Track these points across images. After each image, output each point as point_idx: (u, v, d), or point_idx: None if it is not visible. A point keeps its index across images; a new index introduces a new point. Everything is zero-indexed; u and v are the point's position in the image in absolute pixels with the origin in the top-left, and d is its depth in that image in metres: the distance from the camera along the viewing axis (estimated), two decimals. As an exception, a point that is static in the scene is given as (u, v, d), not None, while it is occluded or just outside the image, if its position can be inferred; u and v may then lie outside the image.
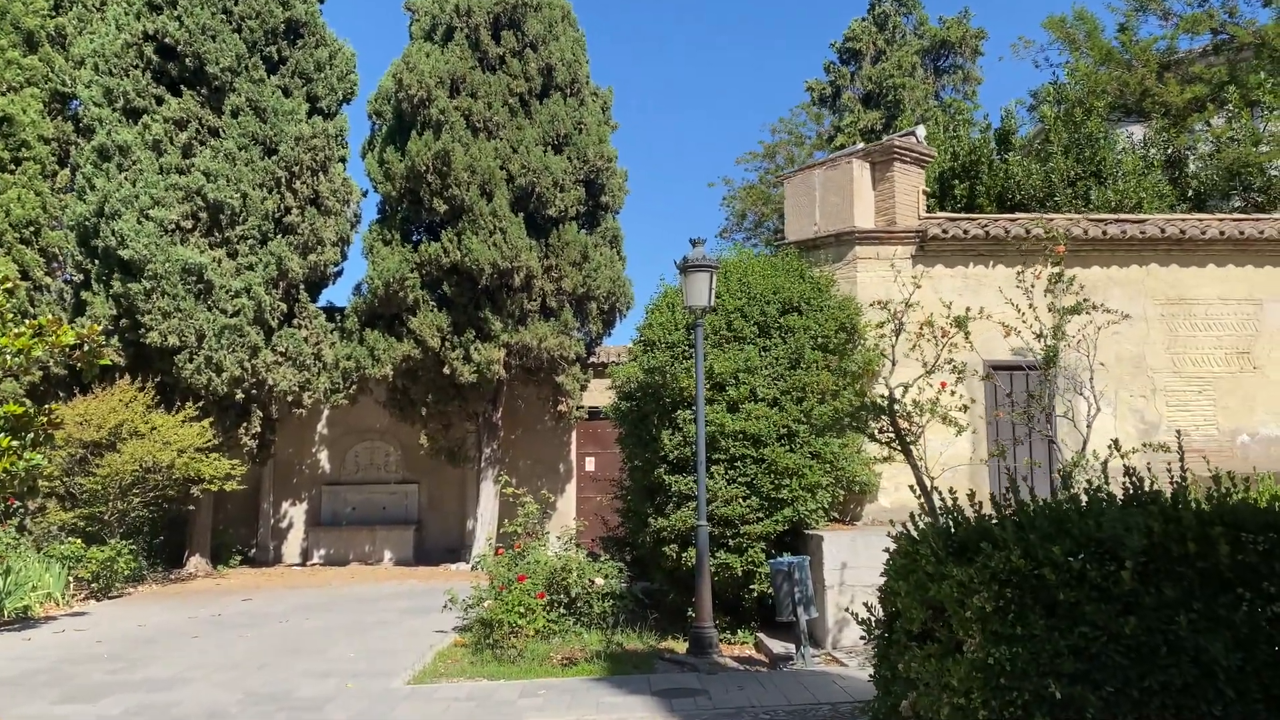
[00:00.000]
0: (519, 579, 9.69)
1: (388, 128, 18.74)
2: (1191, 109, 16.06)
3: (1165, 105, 16.13)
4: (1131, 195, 13.91)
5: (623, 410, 11.59)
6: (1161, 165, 15.22)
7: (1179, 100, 15.97)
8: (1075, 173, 14.60)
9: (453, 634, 11.19)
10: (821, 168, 12.38)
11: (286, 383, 17.45)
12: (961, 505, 6.10)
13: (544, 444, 20.73)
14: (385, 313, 18.17)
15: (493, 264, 17.10)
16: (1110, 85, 16.02)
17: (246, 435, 17.79)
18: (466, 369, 17.52)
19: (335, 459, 20.93)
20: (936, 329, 7.91)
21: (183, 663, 9.63)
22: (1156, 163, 15.17)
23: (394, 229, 18.32)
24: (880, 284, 11.89)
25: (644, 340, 11.41)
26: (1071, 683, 4.61)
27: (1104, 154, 14.73)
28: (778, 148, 26.07)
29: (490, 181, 17.42)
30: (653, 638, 10.51)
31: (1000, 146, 15.79)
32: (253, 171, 17.65)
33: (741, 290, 11.19)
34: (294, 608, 13.63)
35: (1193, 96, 15.93)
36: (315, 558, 20.15)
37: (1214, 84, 16.03)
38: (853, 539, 9.77)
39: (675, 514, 10.39)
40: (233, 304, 16.96)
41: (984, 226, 11.89)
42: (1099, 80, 15.99)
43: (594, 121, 18.81)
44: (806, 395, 10.63)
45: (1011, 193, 14.71)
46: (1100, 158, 14.71)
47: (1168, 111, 16.13)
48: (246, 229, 17.48)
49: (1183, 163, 15.65)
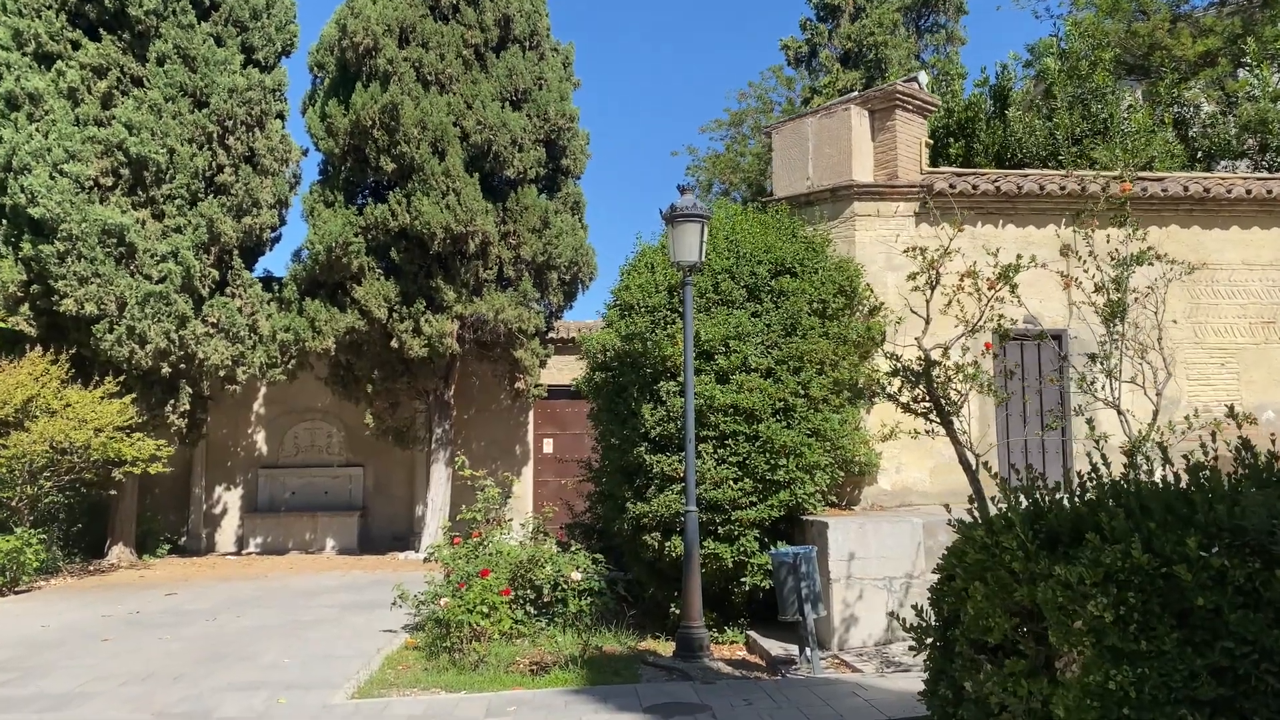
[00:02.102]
0: (481, 573, 8.43)
1: (330, 80, 17.26)
2: (1203, 63, 15.15)
3: (1175, 59, 15.19)
4: (1141, 154, 12.95)
5: (596, 382, 10.36)
6: (1172, 122, 14.26)
7: (1190, 54, 15.03)
8: (1080, 130, 13.61)
9: (403, 634, 9.91)
10: (815, 116, 11.22)
11: (218, 356, 15.94)
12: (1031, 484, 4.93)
13: (499, 425, 19.44)
14: (327, 281, 16.73)
15: (445, 228, 15.73)
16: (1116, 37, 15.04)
17: (174, 414, 16.27)
18: (416, 342, 16.15)
19: (273, 440, 19.45)
20: (982, 281, 6.78)
21: (85, 673, 8.24)
22: (1167, 119, 14.21)
23: (337, 189, 16.87)
24: (880, 244, 10.78)
25: (621, 304, 10.18)
26: (1213, 713, 3.55)
27: (1111, 110, 13.75)
28: (745, 115, 24.91)
29: (443, 138, 16.03)
30: (631, 637, 9.32)
31: (997, 104, 14.76)
32: (181, 125, 16.11)
33: (729, 249, 10.01)
34: (224, 603, 12.24)
35: (1204, 50, 15.01)
36: (251, 546, 18.68)
37: (1227, 36, 15.13)
38: (861, 526, 8.64)
39: (658, 498, 9.21)
40: (158, 269, 15.43)
41: (994, 182, 10.81)
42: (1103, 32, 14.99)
43: (555, 77, 17.49)
44: (804, 365, 9.49)
45: (1011, 151, 13.68)
46: (1107, 114, 13.72)
47: (1177, 66, 15.19)
48: (174, 188, 15.93)
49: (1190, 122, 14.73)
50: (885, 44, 20.63)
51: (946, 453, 10.72)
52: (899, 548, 8.60)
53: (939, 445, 10.70)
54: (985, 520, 4.73)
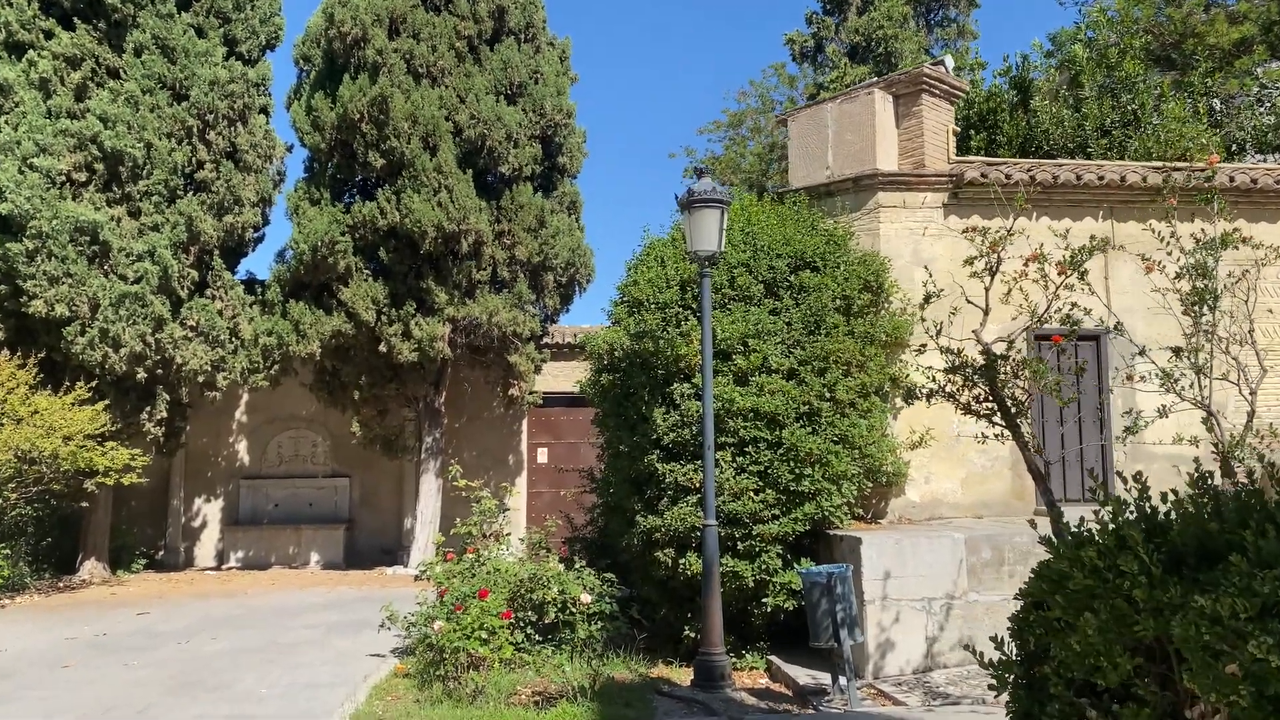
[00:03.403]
0: (480, 594, 7.63)
1: (317, 73, 16.49)
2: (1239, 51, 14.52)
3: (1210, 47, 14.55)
4: (1176, 145, 12.28)
5: (603, 385, 9.59)
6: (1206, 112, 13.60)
7: (1225, 41, 14.40)
8: (1111, 120, 12.94)
9: (391, 659, 9.11)
10: (835, 102, 10.50)
11: (197, 361, 15.11)
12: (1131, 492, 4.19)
13: (492, 433, 18.65)
14: (312, 282, 15.92)
15: (437, 226, 14.96)
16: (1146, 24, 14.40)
17: (150, 421, 15.41)
18: (406, 346, 15.36)
19: (255, 450, 18.59)
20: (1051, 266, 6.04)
21: (36, 707, 7.41)
22: (1201, 110, 13.55)
23: (323, 186, 16.08)
24: (907, 237, 10.06)
25: (629, 300, 9.42)
26: None
27: (1142, 100, 13.08)
28: (744, 115, 24.22)
29: (434, 133, 15.28)
30: (640, 663, 8.53)
31: (1020, 95, 14.07)
32: (159, 119, 15.30)
33: (745, 242, 9.27)
34: (199, 623, 11.41)
35: (1240, 37, 14.37)
36: (232, 561, 17.83)
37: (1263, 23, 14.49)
38: (898, 542, 7.88)
39: (671, 511, 8.44)
40: (134, 269, 14.59)
41: (1028, 171, 10.10)
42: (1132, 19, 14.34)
43: (551, 72, 16.76)
44: (829, 366, 8.75)
45: (1037, 142, 13.00)
46: (1138, 104, 13.05)
47: (1211, 54, 14.55)
48: (151, 184, 15.11)
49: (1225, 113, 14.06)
50: (895, 37, 19.98)
51: (979, 461, 10.02)
52: (939, 565, 7.86)
53: (970, 453, 10.00)
54: (1081, 536, 3.97)
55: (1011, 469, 10.01)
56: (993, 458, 9.97)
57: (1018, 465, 10.12)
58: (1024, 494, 10.02)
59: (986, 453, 9.98)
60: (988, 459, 9.96)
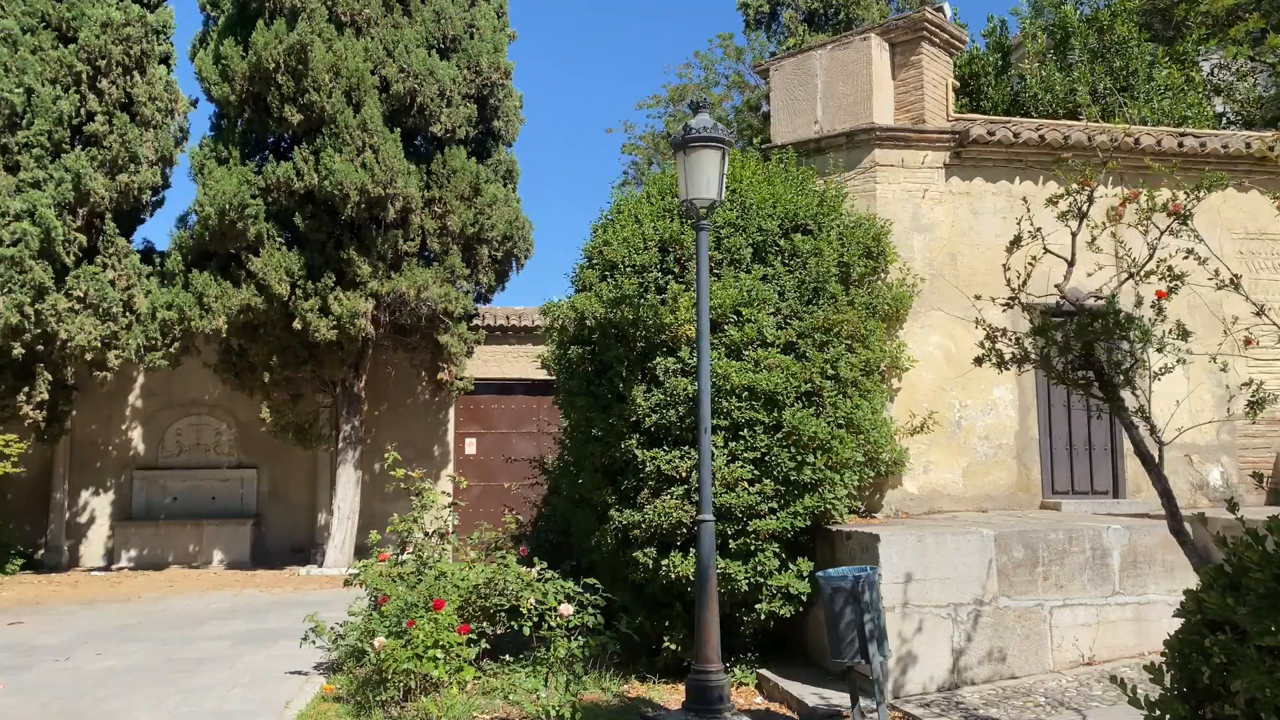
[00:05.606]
0: (435, 605, 6.34)
1: (226, 18, 14.87)
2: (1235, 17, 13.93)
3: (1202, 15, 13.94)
4: (1172, 112, 11.56)
5: (569, 360, 8.33)
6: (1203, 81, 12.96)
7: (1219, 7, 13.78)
8: (1103, 85, 12.19)
9: (317, 677, 7.78)
10: (825, 49, 9.42)
11: (84, 336, 13.42)
12: None
13: (416, 422, 17.23)
14: (219, 251, 14.32)
15: (360, 189, 13.51)
16: (1138, -15, 13.71)
17: (29, 404, 13.67)
18: (323, 324, 13.87)
19: (152, 438, 16.83)
20: (1147, 206, 5.03)
21: None
22: (1196, 78, 12.89)
23: (232, 144, 14.47)
24: (906, 199, 9.05)
25: (601, 263, 8.19)
26: None
27: (1136, 64, 12.34)
28: (686, 90, 23.12)
29: (359, 87, 13.83)
30: (613, 680, 7.34)
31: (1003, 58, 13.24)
32: (41, 62, 13.62)
33: (732, 200, 8.13)
34: (83, 635, 9.85)
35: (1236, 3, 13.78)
36: (124, 560, 16.06)
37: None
38: (920, 540, 6.83)
39: (653, 504, 7.25)
40: (10, 230, 12.87)
41: (1037, 130, 9.16)
42: (1121, -18, 13.66)
43: (488, 26, 15.41)
44: (831, 339, 7.68)
45: (1025, 107, 12.19)
46: (1132, 69, 12.31)
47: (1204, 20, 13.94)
48: (31, 135, 13.40)
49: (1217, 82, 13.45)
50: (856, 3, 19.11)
51: (982, 449, 9.08)
52: (966, 567, 6.84)
53: (972, 441, 9.05)
54: None
55: (1016, 458, 9.08)
56: (996, 445, 9.03)
57: (1023, 454, 9.21)
58: (1029, 485, 9.11)
59: (990, 440, 9.03)
60: (991, 446, 9.01)
